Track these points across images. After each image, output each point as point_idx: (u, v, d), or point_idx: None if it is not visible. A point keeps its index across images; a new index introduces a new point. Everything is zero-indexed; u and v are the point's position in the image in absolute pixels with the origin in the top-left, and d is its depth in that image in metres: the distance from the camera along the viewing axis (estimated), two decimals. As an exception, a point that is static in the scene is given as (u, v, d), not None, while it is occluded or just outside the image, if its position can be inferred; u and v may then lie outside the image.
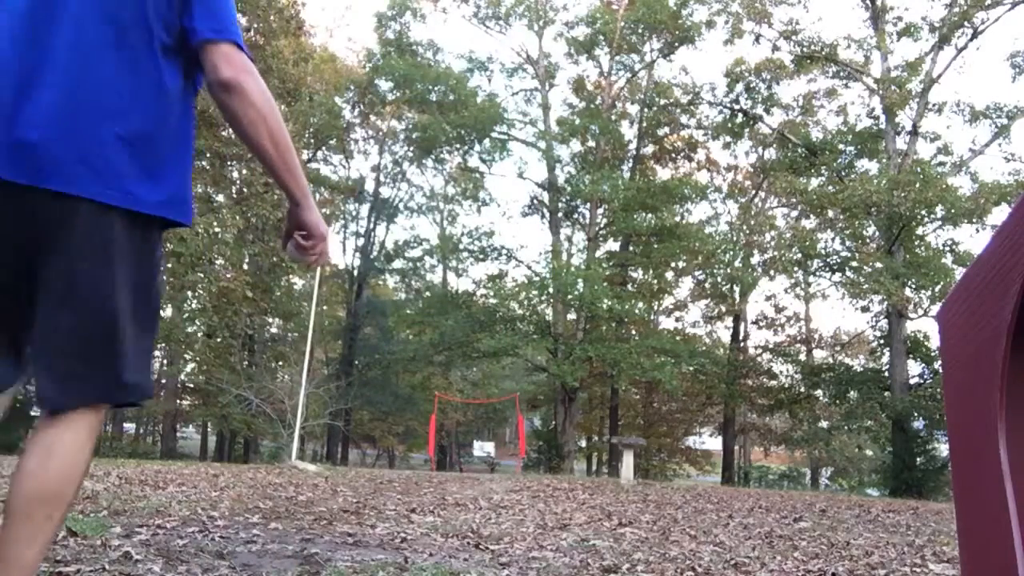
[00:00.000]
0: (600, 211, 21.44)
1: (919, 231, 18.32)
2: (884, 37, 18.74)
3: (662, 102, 22.17)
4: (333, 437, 26.40)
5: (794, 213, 24.01)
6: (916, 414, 16.49)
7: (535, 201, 23.10)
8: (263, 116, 1.35)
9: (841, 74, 20.41)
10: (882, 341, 19.59)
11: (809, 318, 28.54)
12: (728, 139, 23.21)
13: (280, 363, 23.64)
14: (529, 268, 21.79)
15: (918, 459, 16.45)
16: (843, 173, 19.58)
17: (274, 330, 25.71)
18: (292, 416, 13.22)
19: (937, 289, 16.90)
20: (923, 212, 16.92)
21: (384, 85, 22.41)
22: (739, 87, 21.37)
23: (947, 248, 18.28)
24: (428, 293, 27.23)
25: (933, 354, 17.67)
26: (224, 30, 1.37)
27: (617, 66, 22.52)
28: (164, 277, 1.58)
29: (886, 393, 17.29)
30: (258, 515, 3.84)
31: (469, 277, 42.84)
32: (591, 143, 22.12)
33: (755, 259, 22.08)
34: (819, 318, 42.09)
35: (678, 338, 23.15)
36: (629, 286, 22.71)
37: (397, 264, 29.99)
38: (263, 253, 18.53)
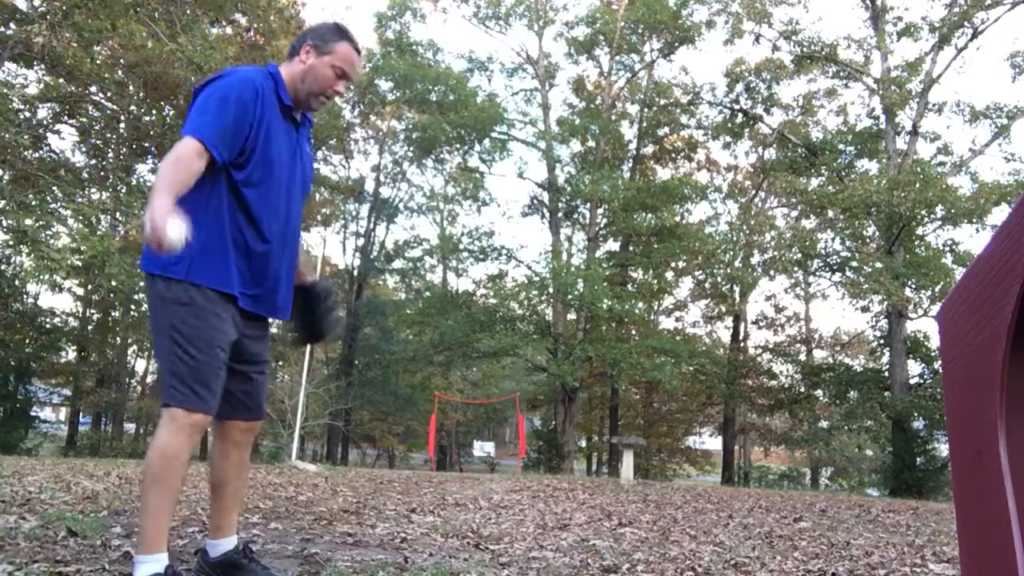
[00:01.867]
0: (600, 211, 21.42)
1: (919, 231, 18.31)
2: (884, 37, 18.72)
3: (662, 102, 22.14)
4: (333, 437, 26.39)
5: (794, 213, 24.02)
6: (916, 414, 16.48)
7: (535, 201, 23.09)
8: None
9: (841, 74, 20.39)
10: (882, 341, 19.58)
11: (809, 318, 28.57)
12: (728, 139, 23.19)
13: (280, 363, 23.62)
14: (529, 268, 21.77)
15: (918, 459, 16.45)
16: (843, 173, 19.57)
17: (274, 330, 25.64)
18: (292, 416, 13.23)
19: (937, 289, 16.90)
20: (923, 212, 16.90)
21: (384, 85, 22.38)
22: (739, 87, 21.37)
23: (947, 248, 18.28)
24: (428, 293, 27.20)
25: (933, 354, 17.66)
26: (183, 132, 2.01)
27: (617, 66, 22.51)
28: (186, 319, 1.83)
29: (886, 393, 17.28)
30: (258, 515, 3.84)
31: (469, 277, 43.06)
32: (591, 143, 22.10)
33: (755, 259, 22.08)
34: (819, 318, 42.21)
35: (678, 338, 23.16)
36: (629, 286, 22.69)
37: (397, 264, 29.95)
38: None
